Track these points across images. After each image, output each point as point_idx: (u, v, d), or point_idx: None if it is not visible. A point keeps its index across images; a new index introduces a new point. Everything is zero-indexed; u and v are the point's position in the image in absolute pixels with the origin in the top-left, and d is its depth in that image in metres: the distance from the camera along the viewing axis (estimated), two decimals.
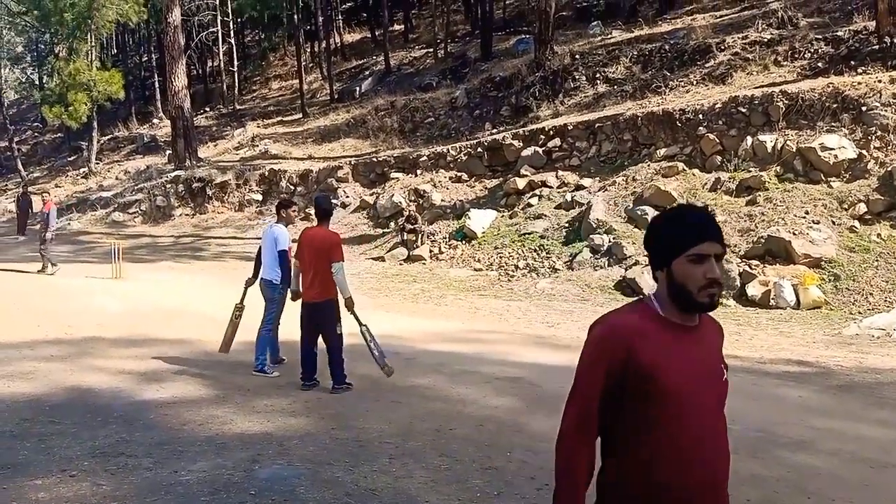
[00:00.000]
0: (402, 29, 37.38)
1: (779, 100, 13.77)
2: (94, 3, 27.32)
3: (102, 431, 5.07)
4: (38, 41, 41.62)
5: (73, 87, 28.36)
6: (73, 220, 24.62)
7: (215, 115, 35.27)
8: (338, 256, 6.53)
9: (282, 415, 5.66)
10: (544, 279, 13.22)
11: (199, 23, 34.77)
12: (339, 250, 6.59)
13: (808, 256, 11.17)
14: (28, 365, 6.94)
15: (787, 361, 8.14)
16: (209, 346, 8.13)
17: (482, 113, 21.63)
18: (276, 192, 21.80)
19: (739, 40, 17.34)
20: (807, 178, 12.73)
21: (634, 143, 15.72)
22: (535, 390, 6.75)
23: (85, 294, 11.82)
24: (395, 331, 9.45)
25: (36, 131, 44.42)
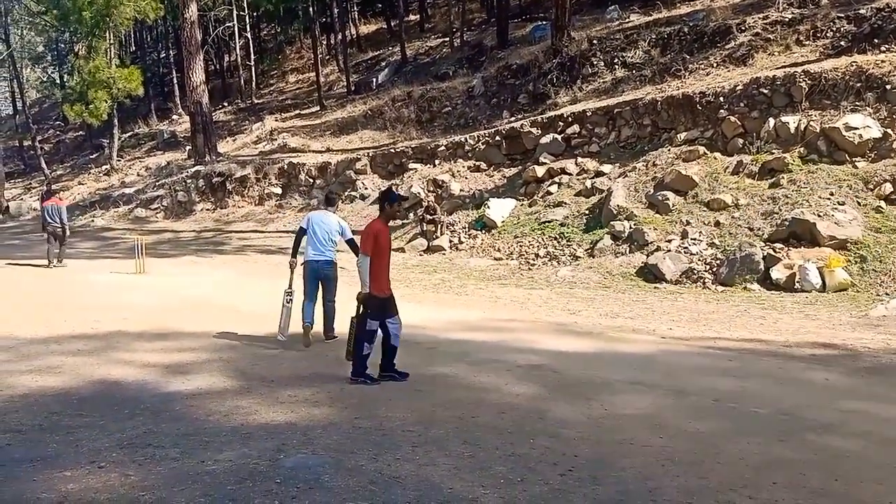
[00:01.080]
0: (418, 19, 37.29)
1: (801, 80, 13.56)
2: (112, 1, 27.52)
3: (130, 423, 5.13)
4: (57, 40, 42.07)
5: (93, 84, 28.65)
6: (97, 217, 24.93)
7: (233, 109, 35.47)
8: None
9: (305, 405, 5.69)
10: (565, 267, 13.17)
11: (215, 18, 34.92)
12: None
13: (834, 238, 11.01)
14: (56, 359, 7.05)
15: (814, 344, 8.04)
16: (232, 339, 8.20)
17: (500, 101, 21.53)
18: (296, 185, 21.92)
19: (760, 20, 17.08)
20: (831, 158, 12.53)
21: (654, 127, 15.57)
22: (557, 377, 6.73)
23: (110, 289, 11.96)
24: (417, 320, 9.45)
25: (58, 130, 44.97)
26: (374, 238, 6.37)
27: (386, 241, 6.53)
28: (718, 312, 9.87)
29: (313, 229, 8.19)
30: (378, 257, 6.37)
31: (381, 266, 6.41)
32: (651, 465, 4.51)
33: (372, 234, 6.41)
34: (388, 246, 6.55)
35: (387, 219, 6.63)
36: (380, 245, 6.39)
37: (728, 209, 12.59)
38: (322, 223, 8.22)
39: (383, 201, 6.66)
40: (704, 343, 8.26)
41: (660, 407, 5.82)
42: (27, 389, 5.99)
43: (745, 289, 11.00)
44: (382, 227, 6.53)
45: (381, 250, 6.41)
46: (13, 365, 6.82)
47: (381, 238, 6.42)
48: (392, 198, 6.70)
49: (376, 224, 6.52)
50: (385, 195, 6.74)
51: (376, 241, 6.36)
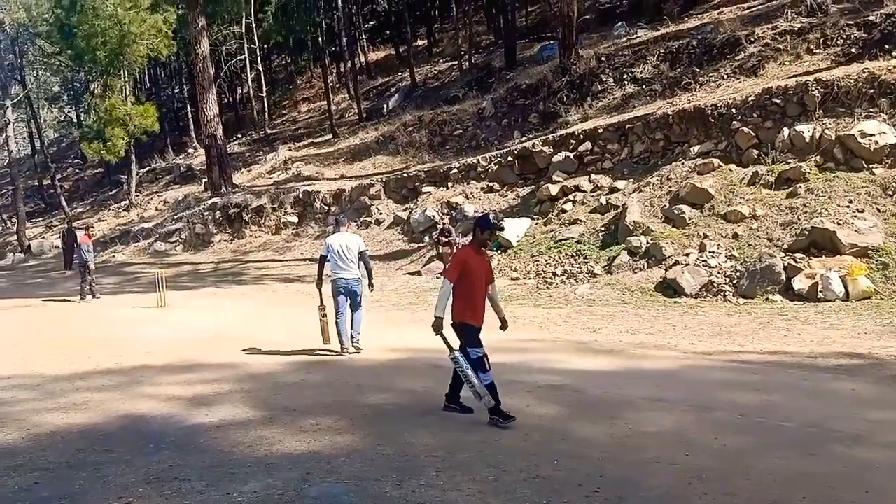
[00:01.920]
0: (426, 43, 37.68)
1: (814, 88, 13.52)
2: (126, 40, 28.06)
3: (155, 457, 5.16)
4: (73, 80, 42.88)
5: (109, 122, 29.13)
6: (118, 252, 25.23)
7: (247, 140, 35.89)
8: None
9: (328, 433, 5.70)
10: (583, 285, 13.12)
11: (227, 52, 35.48)
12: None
13: (855, 246, 10.91)
14: (81, 396, 7.11)
15: (839, 355, 7.94)
16: (253, 369, 8.24)
17: (510, 121, 21.64)
18: (311, 213, 22.08)
19: (769, 31, 17.09)
20: (848, 166, 12.45)
21: (667, 141, 15.57)
22: (579, 396, 6.69)
23: (133, 323, 12.08)
24: (436, 344, 9.44)
25: (77, 168, 45.70)
26: (460, 265, 6.04)
27: (478, 268, 6.12)
28: (741, 325, 9.78)
29: (335, 251, 8.99)
30: (468, 285, 6.01)
31: (472, 294, 6.06)
32: (678, 483, 4.47)
33: (459, 260, 6.13)
34: (481, 273, 6.15)
35: (479, 245, 6.26)
36: (468, 273, 6.01)
37: (746, 220, 12.52)
38: (342, 244, 9.05)
39: (475, 227, 6.31)
40: (727, 357, 8.18)
41: (684, 423, 5.77)
42: (54, 427, 6.04)
43: (767, 300, 10.90)
44: (473, 253, 6.19)
45: (472, 278, 6.04)
46: (39, 403, 6.89)
47: (469, 265, 6.05)
48: (484, 225, 6.25)
49: (465, 251, 6.31)
50: (479, 221, 6.37)
51: (463, 269, 6.01)
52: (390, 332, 10.53)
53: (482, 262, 6.26)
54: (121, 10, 27.23)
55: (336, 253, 8.97)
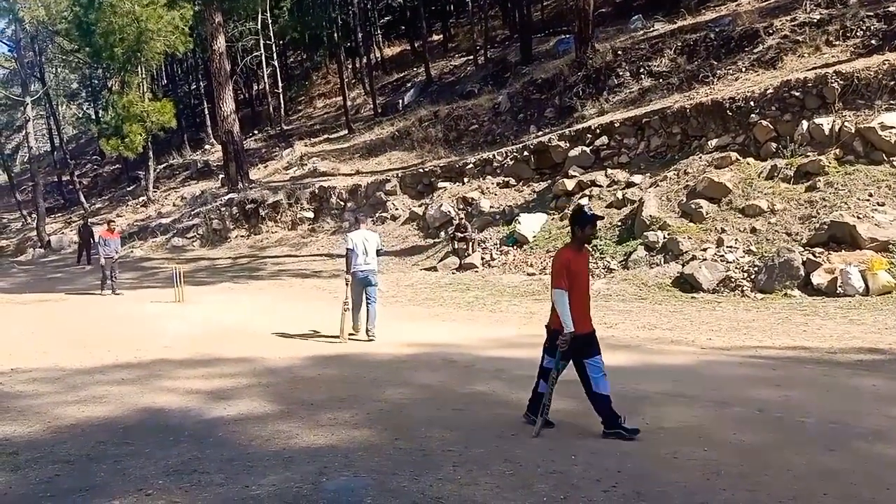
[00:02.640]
0: (441, 38, 37.64)
1: (833, 81, 13.37)
2: (143, 37, 28.22)
3: (175, 450, 5.20)
4: (91, 77, 43.24)
5: (127, 119, 29.35)
6: (136, 248, 25.45)
7: (264, 136, 36.05)
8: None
9: (345, 427, 5.72)
10: (599, 280, 13.07)
11: (242, 48, 35.66)
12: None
13: (875, 240, 10.79)
14: (101, 389, 7.18)
15: (859, 350, 7.86)
16: (271, 363, 8.29)
17: (526, 116, 21.58)
18: (327, 208, 22.16)
19: (788, 22, 16.92)
20: (868, 159, 12.30)
21: (684, 135, 15.46)
22: None
23: (151, 318, 12.19)
24: (453, 339, 9.48)
25: (95, 164, 46.13)
26: (565, 268, 5.41)
27: (582, 269, 5.57)
28: (759, 320, 9.70)
29: (357, 246, 9.69)
30: (574, 288, 5.43)
31: (575, 299, 5.44)
32: (696, 479, 4.44)
33: (563, 264, 5.45)
34: (584, 275, 5.61)
35: (580, 244, 5.62)
36: (572, 276, 5.43)
37: (764, 215, 12.41)
38: (364, 240, 9.74)
39: (574, 224, 5.62)
40: (746, 352, 8.12)
41: (703, 419, 5.73)
42: (74, 420, 6.11)
43: (786, 295, 10.81)
44: (574, 254, 5.53)
45: (577, 281, 5.48)
46: (60, 396, 6.96)
47: (573, 268, 5.45)
48: (584, 220, 5.55)
49: (566, 252, 5.56)
50: (576, 217, 5.64)
51: (568, 272, 5.40)
52: (406, 328, 10.55)
53: (584, 262, 5.65)
54: (138, 7, 27.37)
55: (359, 248, 9.67)
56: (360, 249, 9.64)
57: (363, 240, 9.73)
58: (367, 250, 9.64)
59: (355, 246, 9.64)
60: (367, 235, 9.87)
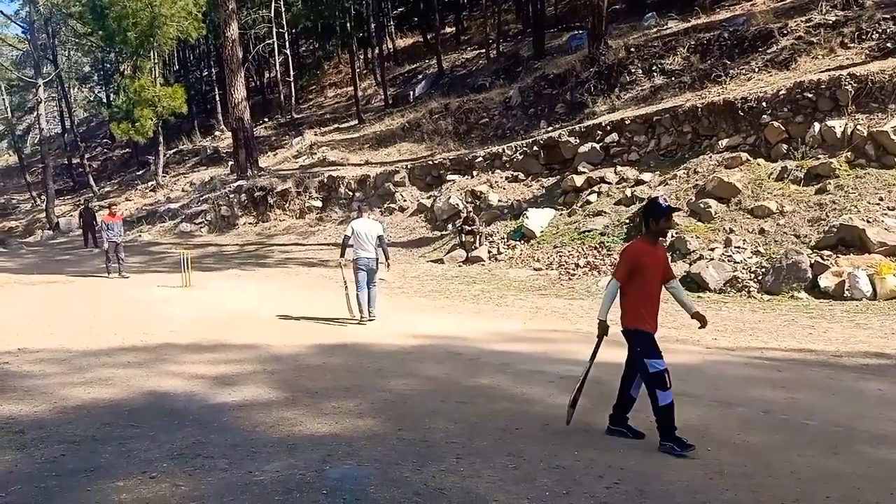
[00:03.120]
0: (454, 31, 37.51)
1: (847, 83, 13.28)
2: (156, 22, 28.25)
3: (179, 434, 5.23)
4: (103, 60, 43.31)
5: (138, 103, 29.40)
6: (144, 232, 25.53)
7: (274, 124, 36.06)
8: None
9: (349, 416, 5.74)
10: (606, 277, 13.04)
11: (255, 35, 35.62)
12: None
13: (884, 244, 10.74)
14: (107, 371, 7.23)
15: (865, 354, 7.83)
16: (276, 350, 8.32)
17: (537, 111, 21.51)
18: (335, 198, 22.17)
19: (802, 23, 16.79)
20: (879, 163, 12.23)
21: (695, 134, 15.39)
22: (601, 388, 6.65)
23: (158, 302, 12.23)
24: (458, 332, 9.49)
25: (105, 147, 46.24)
26: (630, 262, 5.10)
27: (652, 264, 5.14)
28: (765, 322, 9.68)
29: (358, 234, 10.22)
30: (641, 285, 5.11)
31: (645, 296, 5.15)
32: (699, 478, 4.44)
33: (629, 257, 5.15)
34: (656, 270, 5.17)
35: (654, 237, 5.22)
36: (641, 270, 5.08)
37: (773, 216, 12.37)
38: (365, 228, 10.29)
39: (647, 216, 5.23)
40: (751, 353, 8.11)
41: (707, 419, 5.73)
42: (80, 401, 6.15)
43: (793, 297, 10.77)
44: (647, 247, 5.16)
45: (645, 276, 5.11)
46: (66, 377, 7.01)
47: (642, 262, 5.09)
48: (659, 212, 5.13)
49: (637, 245, 5.23)
50: (649, 208, 5.26)
51: (634, 265, 5.08)
52: (412, 319, 10.57)
53: (657, 257, 5.23)
54: None
55: (359, 236, 10.20)
56: (361, 239, 10.19)
57: (365, 229, 10.25)
58: (367, 239, 10.17)
59: (356, 234, 10.22)
60: (369, 225, 10.40)
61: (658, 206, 5.19)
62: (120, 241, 16.08)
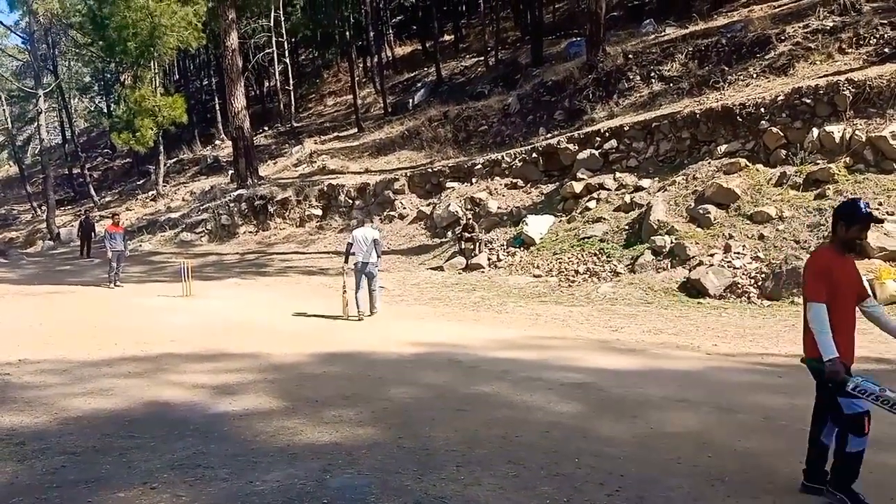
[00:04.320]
0: (453, 39, 37.65)
1: (845, 88, 13.31)
2: (156, 32, 28.34)
3: (180, 444, 5.23)
4: (104, 71, 43.45)
5: (139, 113, 29.49)
6: (145, 242, 25.56)
7: (274, 133, 36.15)
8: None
9: (349, 425, 5.74)
10: (606, 283, 13.06)
11: (255, 45, 35.77)
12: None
13: (884, 249, 10.75)
14: (107, 381, 7.23)
15: (865, 359, 7.80)
16: (276, 359, 8.32)
17: (536, 118, 21.56)
18: (335, 206, 22.21)
19: (800, 29, 16.84)
20: (878, 168, 12.25)
21: (693, 140, 15.42)
22: (601, 395, 6.67)
23: (158, 312, 12.24)
24: (458, 339, 9.49)
25: (106, 157, 46.34)
26: (824, 277, 4.11)
27: (845, 281, 4.19)
28: (765, 327, 9.68)
29: (359, 241, 11.48)
30: (835, 305, 4.10)
31: (842, 318, 4.16)
32: (700, 484, 4.44)
33: (820, 270, 4.14)
34: (851, 288, 4.22)
35: (845, 247, 4.25)
36: (836, 286, 4.11)
37: (772, 221, 12.38)
38: (365, 236, 11.56)
39: (838, 220, 4.24)
40: (751, 359, 8.10)
41: (707, 425, 5.73)
42: (81, 412, 6.15)
43: (793, 303, 10.77)
44: (836, 258, 4.21)
45: (838, 294, 4.13)
46: (67, 388, 7.01)
47: (835, 277, 4.12)
48: (853, 216, 4.15)
49: (825, 253, 4.30)
50: (843, 211, 4.23)
51: (829, 280, 4.10)
52: (412, 327, 10.58)
53: (850, 271, 4.27)
54: (152, 2, 27.48)
55: (359, 242, 11.48)
56: (360, 244, 11.44)
57: (364, 236, 11.54)
58: (366, 245, 11.42)
59: (357, 241, 11.50)
60: (367, 232, 11.71)
61: (854, 209, 4.17)
62: (126, 252, 16.18)
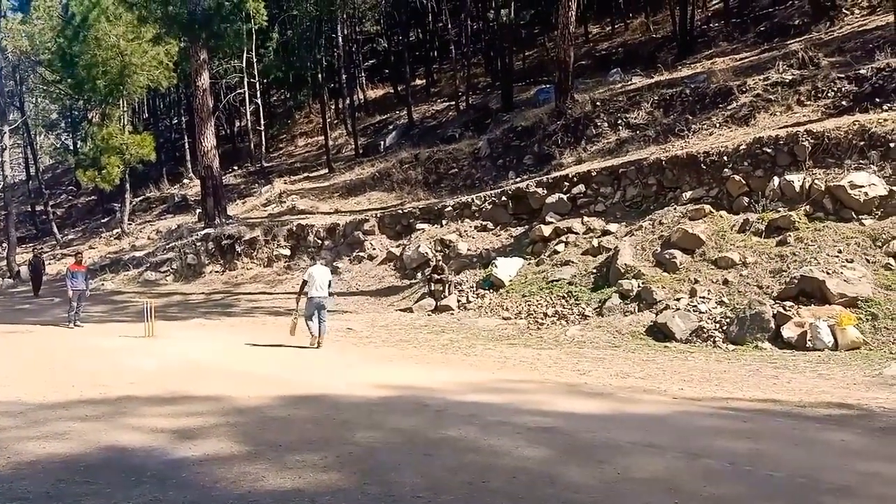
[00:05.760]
0: (424, 83, 38.21)
1: (804, 139, 13.74)
2: (126, 70, 28.35)
3: (136, 491, 5.06)
4: (72, 108, 43.17)
5: (106, 151, 29.29)
6: (108, 281, 25.09)
7: (243, 172, 36.06)
8: None
9: (313, 470, 5.61)
10: (574, 326, 13.11)
11: (226, 85, 35.87)
12: None
13: (844, 296, 10.97)
14: (63, 425, 7.00)
15: (828, 404, 7.92)
16: (240, 403, 8.15)
17: (505, 162, 21.85)
18: (304, 246, 22.10)
19: (761, 82, 17.43)
20: (837, 216, 12.59)
21: (659, 186, 15.72)
22: (569, 440, 6.63)
23: (118, 353, 11.96)
24: (426, 382, 9.41)
25: (70, 195, 45.72)
26: None
27: None
28: (730, 372, 9.77)
29: (314, 278, 12.65)
30: None
31: None
32: None
33: None
34: None
35: None
36: None
37: (736, 267, 12.60)
38: (320, 274, 12.87)
39: None
40: (717, 403, 8.15)
41: (673, 470, 5.72)
42: (34, 456, 5.94)
43: (757, 347, 10.91)
44: None
45: None
46: (21, 431, 6.77)
47: None
48: None
49: None
50: None
51: None
52: (379, 369, 10.47)
53: None
54: (123, 42, 27.56)
55: (314, 279, 12.63)
56: (314, 281, 12.58)
57: (319, 274, 12.80)
58: (321, 282, 12.61)
59: (311, 278, 12.67)
60: (321, 271, 13.03)
61: None
62: (87, 291, 15.85)
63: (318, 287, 12.55)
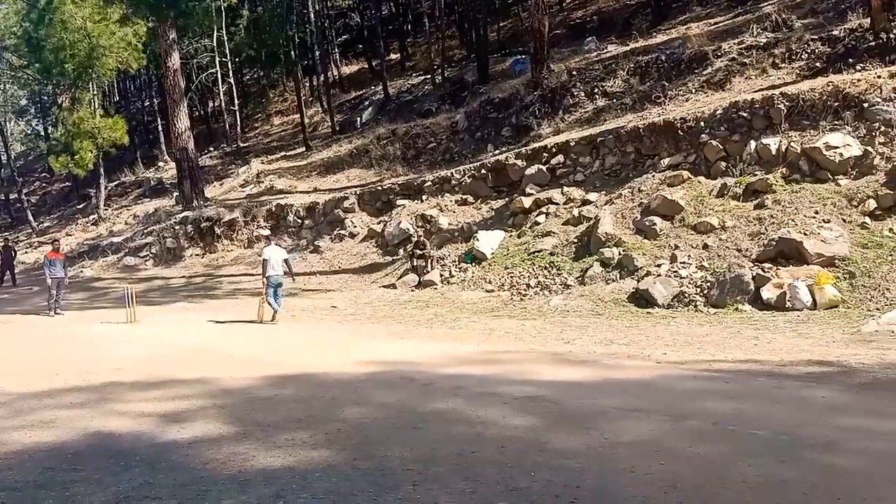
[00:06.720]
0: (399, 57, 37.82)
1: (779, 102, 13.80)
2: (94, 53, 27.76)
3: (126, 476, 5.06)
4: (40, 93, 42.37)
5: (78, 135, 28.78)
6: (86, 268, 24.81)
7: (219, 154, 35.63)
8: None
9: (303, 448, 5.64)
10: (557, 296, 13.19)
11: (198, 65, 35.26)
12: None
13: (822, 256, 11.12)
14: (49, 413, 6.96)
15: (808, 362, 8.06)
16: (226, 384, 8.14)
17: (483, 135, 21.76)
18: (284, 226, 21.94)
19: (735, 46, 17.43)
20: (814, 177, 12.70)
21: (638, 154, 15.75)
22: (555, 408, 6.70)
23: (102, 340, 11.88)
24: (412, 356, 9.45)
25: (44, 182, 44.99)
26: None
27: None
28: (712, 335, 9.90)
29: (270, 258, 13.37)
30: None
31: None
32: (654, 492, 4.49)
33: None
34: None
35: None
36: None
37: (715, 231, 12.71)
38: (276, 254, 13.60)
39: None
40: (700, 366, 8.27)
41: (659, 433, 5.81)
42: (21, 446, 5.91)
43: (737, 310, 11.05)
44: None
45: None
46: (6, 421, 6.73)
47: None
48: None
49: None
50: None
51: None
52: (365, 345, 10.49)
53: None
54: (90, 23, 26.94)
55: (271, 260, 13.34)
56: (271, 262, 13.29)
57: (274, 255, 13.50)
58: (276, 262, 13.35)
59: (269, 259, 13.34)
60: (276, 251, 13.74)
61: None
62: (63, 278, 15.66)
63: (273, 266, 13.31)
